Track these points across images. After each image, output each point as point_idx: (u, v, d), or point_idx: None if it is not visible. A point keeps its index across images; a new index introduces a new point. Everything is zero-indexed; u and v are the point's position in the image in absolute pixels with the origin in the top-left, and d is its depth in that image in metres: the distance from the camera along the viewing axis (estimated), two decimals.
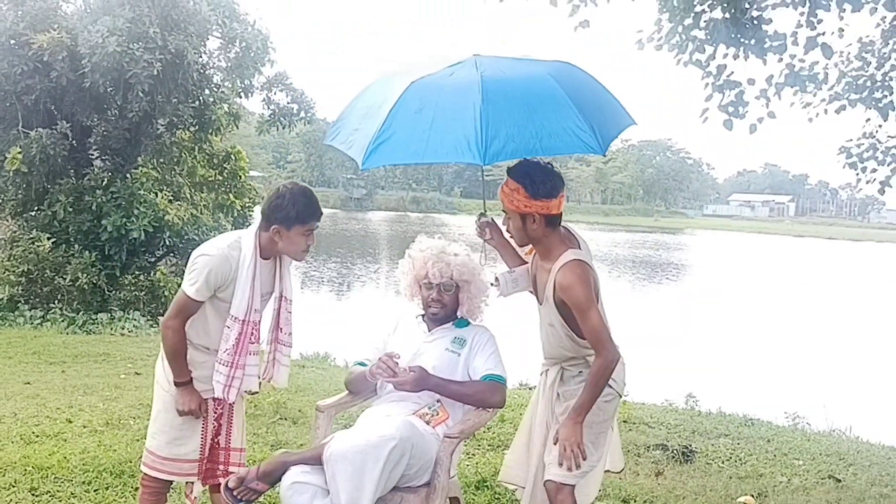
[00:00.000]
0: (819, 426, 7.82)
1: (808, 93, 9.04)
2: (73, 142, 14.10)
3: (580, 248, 3.51)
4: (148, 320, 13.63)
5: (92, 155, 14.88)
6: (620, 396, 3.65)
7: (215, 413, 3.67)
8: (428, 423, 3.57)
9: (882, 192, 9.20)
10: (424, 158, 3.46)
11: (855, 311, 24.94)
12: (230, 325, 3.50)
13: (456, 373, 3.70)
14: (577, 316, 3.38)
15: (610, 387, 3.53)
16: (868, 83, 9.13)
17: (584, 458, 3.38)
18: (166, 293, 14.94)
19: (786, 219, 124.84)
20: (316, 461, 3.30)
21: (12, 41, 13.37)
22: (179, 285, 12.71)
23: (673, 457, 5.80)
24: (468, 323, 3.89)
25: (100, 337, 11.42)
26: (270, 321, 3.71)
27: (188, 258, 13.33)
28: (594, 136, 3.46)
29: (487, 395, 3.67)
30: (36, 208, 14.31)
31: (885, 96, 9.03)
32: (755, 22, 7.99)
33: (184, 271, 13.82)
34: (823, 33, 7.95)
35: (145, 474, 3.68)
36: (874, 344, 18.58)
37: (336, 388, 7.74)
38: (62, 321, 12.63)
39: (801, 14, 8.21)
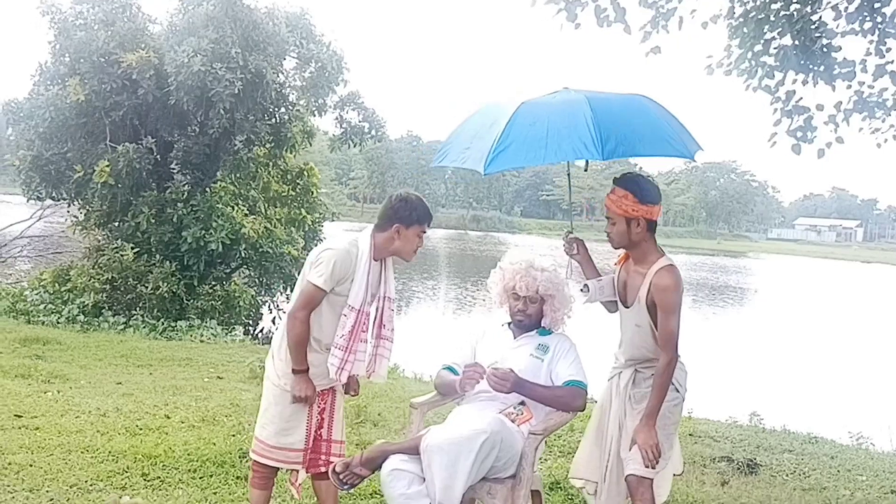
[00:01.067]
0: (883, 447, 7.90)
1: (877, 118, 9.16)
2: (157, 156, 14.75)
3: (668, 255, 3.85)
4: (224, 328, 14.16)
5: (173, 169, 15.53)
6: (684, 400, 3.95)
7: (319, 407, 4.04)
8: (513, 421, 3.88)
9: None
10: (546, 160, 3.92)
11: None
12: (347, 313, 3.90)
13: (539, 377, 4.01)
14: (662, 316, 3.73)
15: (677, 391, 3.87)
16: None
17: (661, 456, 3.70)
18: (241, 303, 15.54)
19: (853, 244, 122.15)
20: (413, 451, 3.64)
21: (102, 59, 14.12)
22: (253, 296, 13.11)
23: (738, 469, 6.01)
24: (551, 331, 4.21)
25: (181, 343, 11.95)
26: (374, 318, 4.10)
27: (262, 270, 13.90)
28: (683, 145, 3.96)
29: (571, 399, 3.98)
30: (120, 219, 15.00)
31: None
32: (824, 49, 8.17)
33: (257, 282, 14.18)
34: (892, 61, 8.10)
35: (255, 461, 4.05)
36: None
37: (407, 395, 8.12)
38: (143, 327, 13.23)
39: (871, 42, 8.36)
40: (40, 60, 14.91)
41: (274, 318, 17.48)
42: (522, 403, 3.99)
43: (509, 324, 4.28)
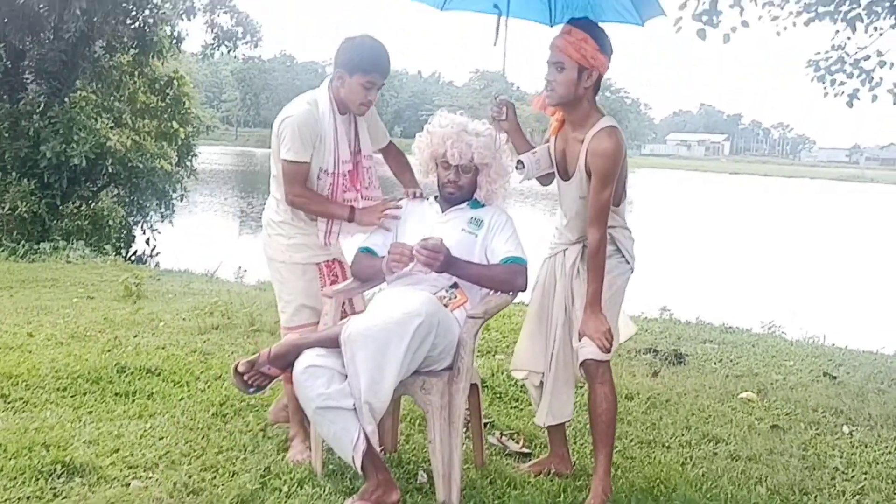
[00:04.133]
0: (794, 334, 7.81)
1: (776, 6, 8.90)
2: (7, 63, 13.34)
3: (611, 117, 3.34)
4: (93, 250, 13.07)
5: (27, 79, 14.11)
6: (633, 271, 3.52)
7: (330, 280, 3.67)
8: (446, 306, 3.32)
9: (850, 105, 9.10)
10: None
11: (800, 237, 25.49)
12: (321, 177, 3.55)
13: (473, 255, 3.44)
14: (595, 184, 3.25)
15: (627, 262, 3.47)
16: None
17: (614, 338, 3.28)
18: (110, 223, 14.45)
19: (721, 157, 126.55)
20: (332, 343, 3.04)
21: None
22: (124, 216, 12.11)
23: (666, 359, 5.69)
24: (484, 204, 3.64)
25: (45, 264, 10.88)
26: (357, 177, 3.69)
27: (132, 187, 12.85)
28: (635, 9, 3.51)
29: (511, 277, 3.41)
30: None
31: (853, 8, 8.92)
32: None
33: (128, 202, 13.13)
34: None
35: None
36: (824, 263, 19.25)
37: None
38: (2, 251, 12.03)
39: None
40: None
41: (148, 239, 16.42)
42: (455, 286, 3.42)
43: (436, 197, 3.69)
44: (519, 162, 3.50)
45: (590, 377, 3.32)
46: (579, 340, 3.33)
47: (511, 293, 3.45)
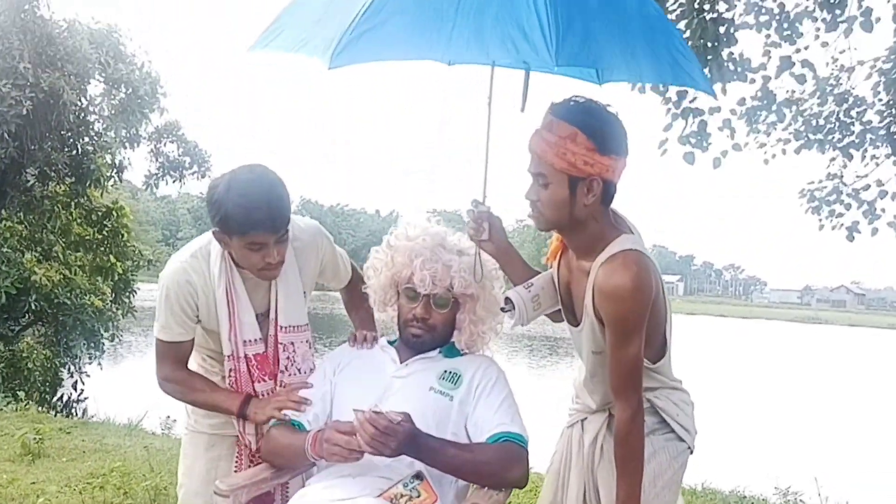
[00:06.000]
0: (812, 500, 6.73)
1: (763, 133, 8.31)
2: None
3: (633, 234, 2.26)
4: (6, 397, 11.63)
5: None
6: (692, 450, 2.43)
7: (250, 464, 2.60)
8: None
9: (851, 238, 8.31)
10: (445, 53, 2.23)
11: (774, 381, 24.77)
12: (229, 365, 2.54)
13: (447, 427, 2.32)
14: (611, 339, 2.18)
15: (680, 440, 2.38)
16: (825, 123, 8.41)
17: None
18: (29, 366, 13.07)
19: (676, 297, 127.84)
20: None
21: None
22: (48, 357, 10.60)
23: None
24: (463, 352, 2.53)
25: None
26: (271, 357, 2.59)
27: (58, 326, 11.18)
28: (694, 73, 2.43)
29: (504, 465, 2.27)
30: None
31: (845, 136, 8.33)
32: (716, 44, 7.17)
33: (53, 342, 11.66)
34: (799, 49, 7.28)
35: None
36: (808, 411, 18.50)
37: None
38: None
39: (767, 37, 7.52)
40: None
41: (75, 382, 14.97)
42: (419, 477, 2.27)
43: (392, 341, 2.58)
44: (507, 300, 2.41)
45: None
46: None
47: (503, 490, 2.30)
